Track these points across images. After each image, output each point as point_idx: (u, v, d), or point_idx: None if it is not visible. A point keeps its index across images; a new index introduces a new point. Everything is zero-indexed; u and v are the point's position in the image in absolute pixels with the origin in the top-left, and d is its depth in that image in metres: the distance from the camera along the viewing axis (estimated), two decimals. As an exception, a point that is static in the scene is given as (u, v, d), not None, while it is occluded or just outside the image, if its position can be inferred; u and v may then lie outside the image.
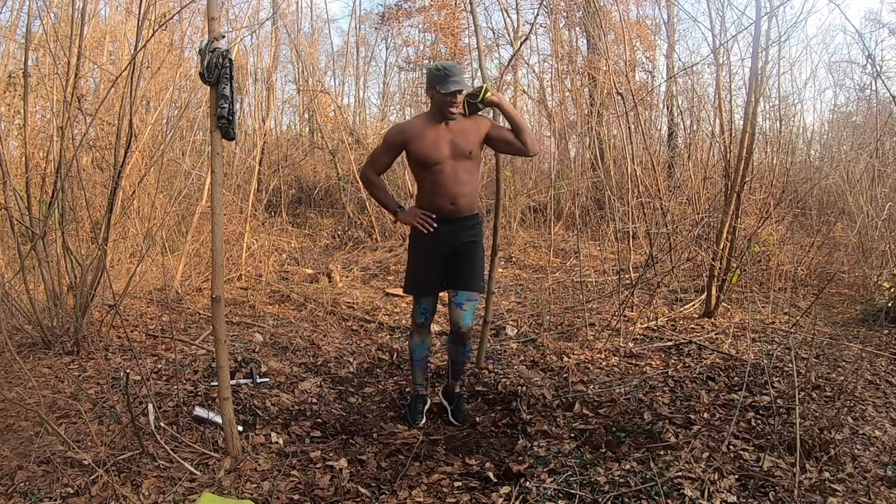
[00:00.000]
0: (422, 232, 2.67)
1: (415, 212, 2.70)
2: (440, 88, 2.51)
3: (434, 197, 2.67)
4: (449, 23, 11.25)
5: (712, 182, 5.91)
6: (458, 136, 2.62)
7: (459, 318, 2.76)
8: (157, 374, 3.11)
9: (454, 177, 2.63)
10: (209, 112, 2.23)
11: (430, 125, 2.62)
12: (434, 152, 2.60)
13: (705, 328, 4.05)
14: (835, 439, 2.32)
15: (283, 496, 2.12)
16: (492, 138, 2.73)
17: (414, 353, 2.93)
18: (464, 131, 2.63)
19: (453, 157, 2.62)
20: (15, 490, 2.04)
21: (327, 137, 9.48)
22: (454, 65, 2.57)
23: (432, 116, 2.64)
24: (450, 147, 2.61)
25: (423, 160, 2.62)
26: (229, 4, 7.71)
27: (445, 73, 2.52)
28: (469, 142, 2.64)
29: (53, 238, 3.57)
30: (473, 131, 2.66)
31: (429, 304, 2.83)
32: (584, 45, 10.49)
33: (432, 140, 2.60)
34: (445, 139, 2.61)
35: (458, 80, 2.51)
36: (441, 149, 2.60)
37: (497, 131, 2.73)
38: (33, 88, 4.99)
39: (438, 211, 2.67)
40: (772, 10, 4.11)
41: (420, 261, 2.79)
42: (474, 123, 2.67)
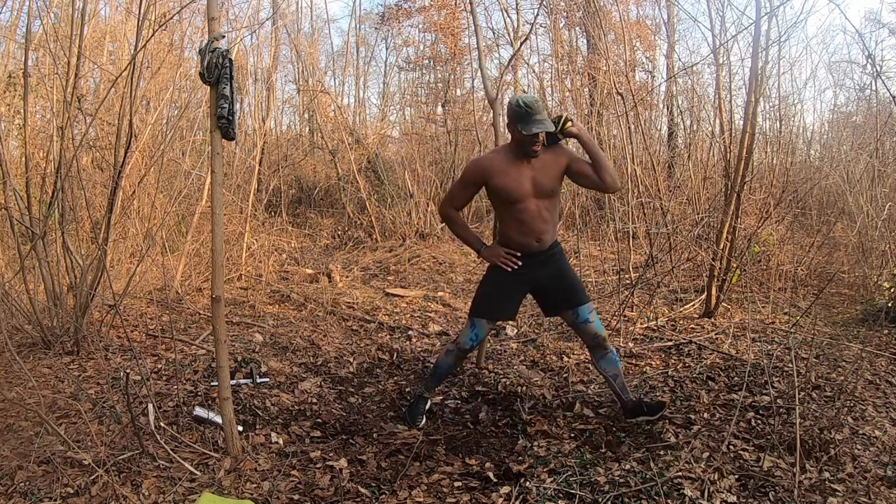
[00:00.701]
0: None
1: (498, 251, 2.65)
2: (522, 128, 2.41)
3: (519, 235, 2.61)
4: (449, 23, 11.25)
5: (712, 182, 5.91)
6: (540, 173, 2.54)
7: (593, 330, 2.67)
8: (157, 374, 3.11)
9: (538, 214, 2.58)
10: (209, 112, 2.23)
11: (511, 161, 2.54)
12: (517, 189, 2.52)
13: (705, 328, 4.05)
14: (835, 439, 2.32)
15: (283, 496, 2.12)
16: (571, 171, 2.62)
17: (439, 369, 2.87)
18: (545, 167, 2.55)
19: (536, 195, 2.55)
20: (15, 490, 2.04)
21: (327, 137, 9.49)
22: (535, 101, 2.44)
23: (513, 152, 2.54)
24: (532, 184, 2.53)
25: (506, 197, 2.55)
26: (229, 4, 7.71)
27: (527, 112, 2.41)
28: (550, 178, 2.56)
29: (53, 238, 3.57)
30: (554, 167, 2.57)
31: (483, 332, 2.76)
32: (584, 45, 10.49)
33: (514, 177, 2.52)
34: (527, 176, 2.53)
35: (540, 118, 2.41)
36: (523, 186, 2.52)
37: (577, 165, 2.60)
38: (33, 88, 4.99)
39: (524, 249, 2.62)
40: (772, 10, 4.11)
41: (498, 288, 2.70)
42: (554, 159, 2.57)
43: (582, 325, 2.68)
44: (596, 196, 8.29)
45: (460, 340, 2.78)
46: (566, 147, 2.68)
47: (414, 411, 2.88)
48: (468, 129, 9.00)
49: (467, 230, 2.80)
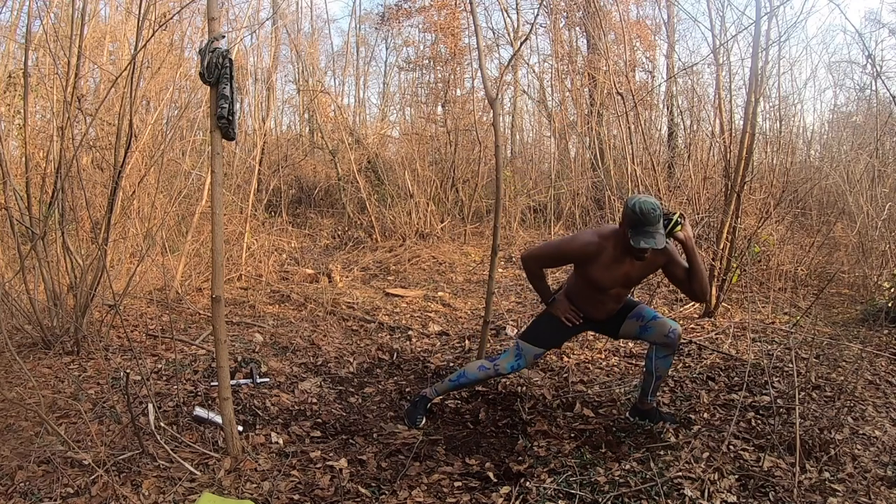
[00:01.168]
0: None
1: (566, 306, 2.66)
2: (632, 240, 2.29)
3: (589, 307, 2.63)
4: (449, 23, 11.25)
5: (712, 182, 5.91)
6: (636, 271, 2.51)
7: (668, 325, 2.60)
8: (157, 374, 3.10)
9: (616, 299, 2.60)
10: (209, 112, 2.23)
11: (615, 255, 2.46)
12: (608, 282, 2.51)
13: (705, 328, 4.05)
14: (835, 439, 2.32)
15: (283, 496, 2.12)
16: (666, 271, 2.58)
17: (461, 379, 2.85)
18: (644, 266, 2.51)
19: (623, 286, 2.56)
20: (15, 490, 2.04)
21: (327, 137, 9.49)
22: (654, 208, 2.26)
23: (620, 247, 2.44)
24: (624, 279, 2.52)
25: (594, 284, 2.53)
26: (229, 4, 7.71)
27: (641, 221, 2.27)
28: (641, 276, 2.57)
29: (53, 238, 3.57)
30: (651, 266, 2.55)
31: (527, 362, 2.75)
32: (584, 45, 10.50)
33: (612, 271, 2.48)
34: (624, 270, 2.49)
35: (651, 231, 2.27)
36: (616, 279, 2.51)
37: (672, 267, 2.53)
38: (33, 88, 4.99)
39: (588, 315, 2.66)
40: (772, 10, 4.11)
41: (558, 327, 2.71)
42: (654, 257, 2.49)
43: (651, 323, 2.61)
44: (596, 196, 8.30)
45: (500, 364, 2.75)
46: (669, 247, 2.52)
47: (415, 411, 2.88)
48: (468, 129, 9.00)
49: (544, 283, 2.74)
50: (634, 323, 2.65)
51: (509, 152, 10.98)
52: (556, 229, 7.83)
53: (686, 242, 2.45)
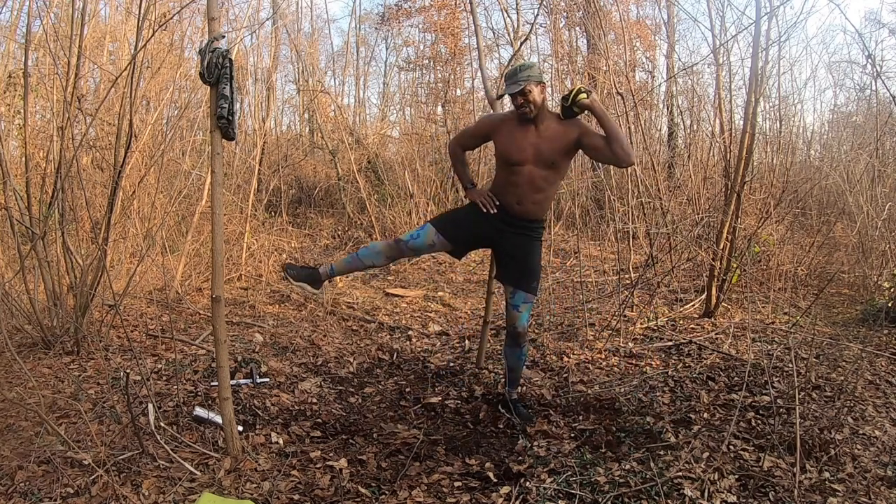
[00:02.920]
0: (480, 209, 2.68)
1: (484, 192, 2.72)
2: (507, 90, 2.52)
3: (504, 194, 2.64)
4: (449, 23, 11.26)
5: (712, 182, 5.91)
6: (545, 143, 2.55)
7: (516, 319, 2.74)
8: (157, 374, 3.11)
9: (530, 182, 2.58)
10: (209, 112, 2.23)
11: (519, 124, 2.58)
12: (516, 153, 2.55)
13: (705, 328, 4.05)
14: (835, 439, 2.32)
15: (283, 496, 2.12)
16: (583, 145, 2.59)
17: (359, 252, 2.86)
18: (552, 137, 2.55)
19: (534, 163, 2.56)
20: (15, 490, 2.04)
21: (327, 137, 9.49)
22: (519, 65, 2.52)
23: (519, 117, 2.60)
24: (533, 151, 2.54)
25: (505, 158, 2.60)
26: (229, 4, 7.72)
27: (506, 77, 2.52)
28: (554, 150, 2.56)
29: (53, 238, 3.57)
30: (561, 139, 2.56)
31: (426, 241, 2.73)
32: (584, 45, 10.50)
33: (518, 140, 2.55)
34: (530, 142, 2.55)
35: (512, 80, 2.48)
36: (524, 151, 2.54)
37: (589, 138, 2.57)
38: (33, 88, 4.99)
39: (504, 207, 2.66)
40: (772, 10, 4.11)
41: (468, 217, 2.75)
42: (564, 130, 2.56)
43: (510, 308, 2.75)
44: (596, 196, 8.29)
45: (402, 234, 2.86)
46: (581, 121, 2.64)
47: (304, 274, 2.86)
48: (468, 129, 8.98)
49: (465, 168, 2.88)
50: (508, 292, 2.74)
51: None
52: (556, 229, 7.83)
53: (592, 107, 2.51)
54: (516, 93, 2.49)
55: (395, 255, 2.82)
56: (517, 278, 2.71)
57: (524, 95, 2.50)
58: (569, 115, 2.59)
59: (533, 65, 2.54)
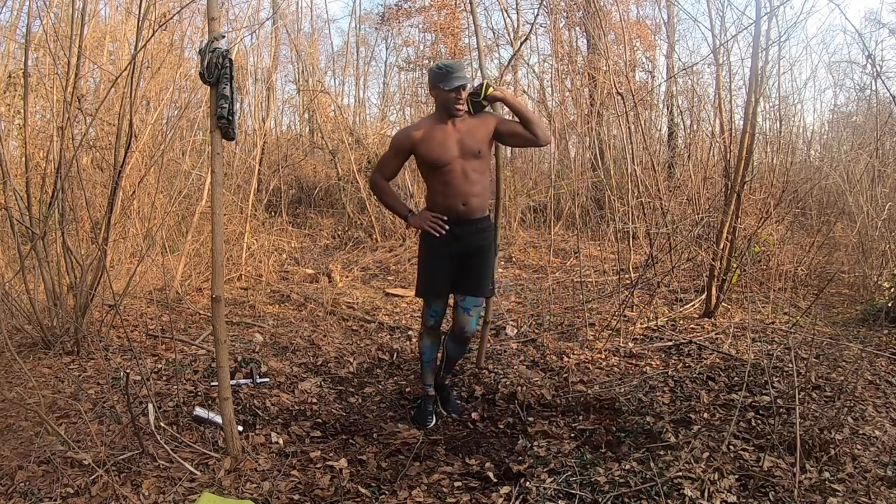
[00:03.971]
0: (433, 235, 2.64)
1: (425, 215, 2.67)
2: (443, 85, 2.48)
3: (445, 198, 2.63)
4: (449, 23, 11.26)
5: (712, 182, 5.91)
6: (466, 136, 2.58)
7: (465, 324, 2.75)
8: (157, 374, 3.11)
9: (464, 176, 2.59)
10: (209, 112, 2.23)
11: (436, 126, 2.59)
12: (443, 153, 2.56)
13: (705, 328, 4.05)
14: (835, 439, 2.32)
15: (283, 496, 2.12)
16: (501, 133, 2.66)
17: (424, 355, 2.91)
18: (471, 130, 2.59)
19: (462, 157, 2.58)
20: (15, 490, 2.04)
21: (327, 137, 9.49)
22: (456, 62, 2.56)
23: (438, 117, 2.61)
24: (458, 146, 2.57)
25: (432, 162, 2.58)
26: (229, 4, 7.72)
27: (447, 70, 2.50)
28: (477, 140, 2.59)
29: (53, 238, 3.57)
30: (481, 129, 2.61)
31: (439, 307, 2.80)
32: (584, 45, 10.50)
33: (440, 141, 2.56)
34: (453, 139, 2.57)
35: (460, 75, 2.49)
36: (449, 149, 2.56)
37: (505, 125, 2.66)
38: (33, 88, 4.99)
39: (450, 212, 2.63)
40: (772, 10, 4.11)
41: (431, 264, 2.74)
42: (481, 121, 2.63)
43: (459, 311, 2.75)
44: (596, 196, 8.29)
45: (423, 320, 2.85)
46: (494, 112, 2.75)
47: (422, 412, 2.88)
48: (468, 129, 8.99)
49: (396, 199, 2.84)
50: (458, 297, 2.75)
51: (509, 152, 10.99)
52: (557, 229, 7.83)
53: (505, 98, 2.62)
54: (459, 87, 2.50)
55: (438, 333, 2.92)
56: (474, 285, 2.72)
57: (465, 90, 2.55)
58: (478, 110, 2.65)
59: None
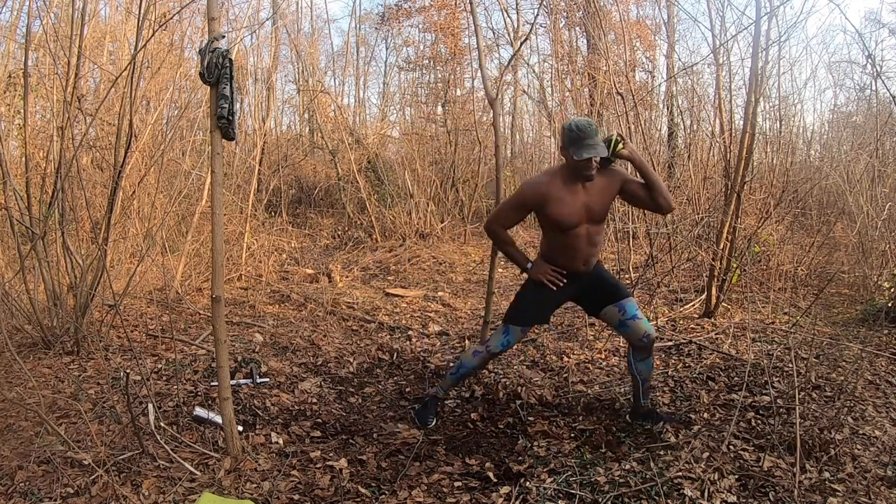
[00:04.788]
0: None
1: (545, 269, 2.61)
2: (574, 154, 2.35)
3: (567, 260, 2.59)
4: (449, 23, 11.26)
5: (712, 182, 5.91)
6: (594, 199, 2.50)
7: (644, 328, 2.59)
8: (157, 374, 3.11)
9: (588, 240, 2.56)
10: (209, 112, 2.23)
11: (566, 187, 2.47)
12: (571, 217, 2.48)
13: (705, 328, 4.05)
14: (835, 439, 2.32)
15: (283, 496, 2.12)
16: (625, 193, 2.58)
17: (461, 369, 2.83)
18: (599, 192, 2.50)
19: (588, 221, 2.53)
20: (15, 490, 2.04)
21: (327, 137, 9.49)
22: (589, 124, 2.36)
23: (567, 177, 2.47)
24: (586, 211, 2.49)
25: (559, 225, 2.51)
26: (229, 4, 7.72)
27: (579, 136, 2.34)
28: (604, 206, 2.54)
29: (53, 238, 3.57)
30: (608, 192, 2.53)
31: (515, 338, 2.71)
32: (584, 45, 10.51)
33: (569, 203, 2.47)
34: (581, 202, 2.48)
35: (593, 143, 2.34)
36: (578, 213, 2.48)
37: (630, 186, 2.55)
38: (33, 88, 4.99)
39: (570, 270, 2.61)
40: (772, 10, 4.11)
41: (540, 299, 2.67)
42: (608, 183, 2.52)
43: (630, 322, 2.59)
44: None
45: (491, 344, 2.73)
46: (619, 168, 2.60)
47: (425, 412, 2.86)
48: (468, 129, 9.00)
49: (516, 249, 2.71)
50: (616, 313, 2.62)
51: (509, 152, 10.99)
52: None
53: (632, 157, 2.49)
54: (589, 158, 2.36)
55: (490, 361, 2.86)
56: (613, 294, 2.63)
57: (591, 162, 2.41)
58: (606, 165, 2.54)
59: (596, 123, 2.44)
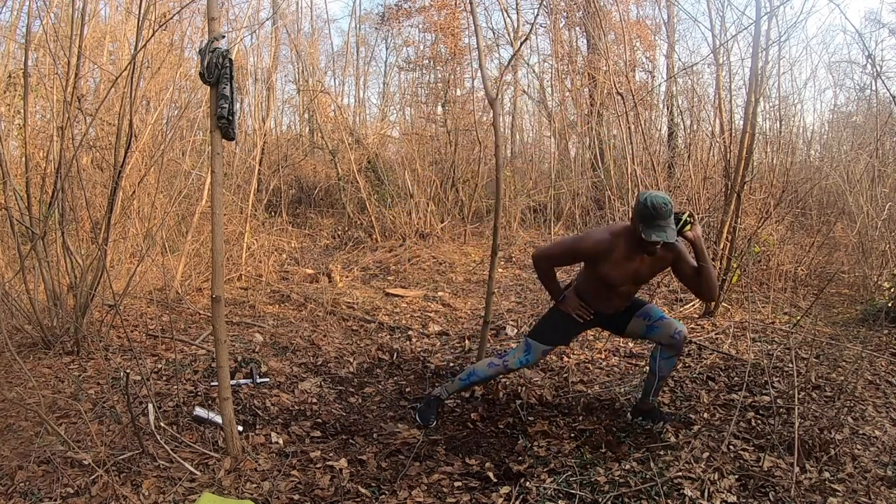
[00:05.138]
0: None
1: (575, 304, 2.67)
2: (643, 233, 2.30)
3: (599, 304, 2.64)
4: (449, 23, 11.26)
5: (712, 182, 5.91)
6: (646, 268, 2.53)
7: (673, 326, 2.60)
8: (157, 374, 3.11)
9: (626, 295, 2.61)
10: (209, 112, 2.23)
11: (627, 252, 2.47)
12: (619, 279, 2.52)
13: (705, 328, 4.05)
14: (835, 439, 2.32)
15: (283, 496, 2.12)
16: (675, 268, 2.59)
17: (471, 377, 2.84)
18: (653, 264, 2.53)
19: (633, 283, 2.58)
20: (15, 490, 2.04)
21: (327, 137, 9.49)
22: (665, 203, 2.29)
23: (631, 244, 2.45)
24: (634, 275, 2.54)
25: (606, 281, 2.54)
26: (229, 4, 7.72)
27: (653, 216, 2.29)
28: (653, 274, 2.60)
29: (53, 238, 3.57)
30: (661, 264, 2.56)
31: (536, 357, 2.74)
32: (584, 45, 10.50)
33: (623, 268, 2.50)
34: (635, 268, 2.51)
35: (663, 225, 2.29)
36: (627, 276, 2.52)
37: (682, 265, 2.55)
38: (33, 88, 4.99)
39: (600, 310, 2.66)
40: (772, 10, 4.11)
41: (568, 323, 2.72)
42: (664, 255, 2.52)
43: (658, 323, 2.62)
44: (596, 196, 8.30)
45: (509, 360, 2.75)
46: (679, 245, 2.56)
47: (427, 411, 2.87)
48: (468, 129, 9.00)
49: (555, 283, 2.74)
50: (641, 322, 2.65)
51: (509, 152, 10.99)
52: (556, 229, 7.83)
53: (696, 241, 2.47)
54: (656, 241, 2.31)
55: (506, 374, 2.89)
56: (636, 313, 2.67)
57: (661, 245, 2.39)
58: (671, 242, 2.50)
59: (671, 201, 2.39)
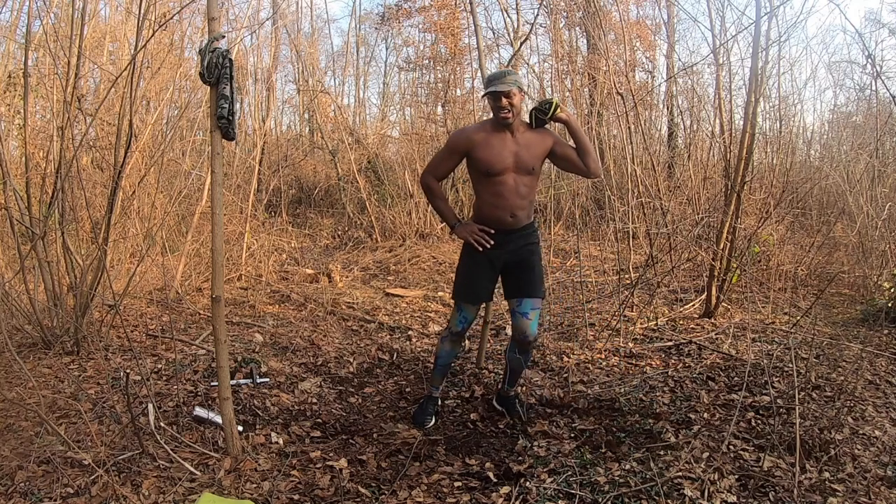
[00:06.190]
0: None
1: (472, 228, 2.65)
2: (483, 92, 2.52)
3: (494, 209, 2.62)
4: (449, 23, 11.26)
5: (712, 182, 5.92)
6: (523, 149, 2.57)
7: (526, 328, 2.66)
8: (157, 374, 3.11)
9: (515, 189, 2.59)
10: (209, 112, 2.23)
11: (494, 133, 2.57)
12: (498, 162, 2.55)
13: (705, 328, 4.05)
14: (835, 439, 2.32)
15: (283, 496, 2.12)
16: (555, 154, 2.65)
17: (440, 359, 2.88)
18: (529, 145, 2.59)
19: (516, 170, 2.57)
20: (15, 490, 2.04)
21: (327, 137, 9.49)
22: (502, 70, 2.55)
23: (495, 125, 2.58)
24: (514, 158, 2.56)
25: (486, 168, 2.56)
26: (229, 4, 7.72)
27: (489, 78, 2.54)
28: (533, 156, 2.59)
29: (53, 238, 3.57)
30: (538, 146, 2.61)
31: (471, 314, 2.75)
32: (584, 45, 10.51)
33: (497, 149, 2.55)
34: (510, 150, 2.56)
35: (497, 82, 2.47)
36: (505, 159, 2.55)
37: (561, 148, 2.64)
38: (33, 88, 5.00)
39: (497, 224, 2.63)
40: (772, 10, 4.11)
41: (473, 269, 2.71)
42: (540, 138, 2.62)
43: (518, 317, 2.67)
44: (596, 196, 8.29)
45: (451, 324, 2.80)
46: (551, 130, 2.72)
47: (422, 412, 2.87)
48: (468, 130, 8.99)
49: (446, 203, 2.77)
50: (514, 303, 2.70)
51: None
52: (556, 229, 7.83)
53: (568, 121, 2.58)
54: (501, 93, 2.47)
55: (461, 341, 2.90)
56: (528, 287, 2.68)
57: (509, 98, 2.49)
58: (540, 125, 2.63)
59: (516, 72, 2.59)
